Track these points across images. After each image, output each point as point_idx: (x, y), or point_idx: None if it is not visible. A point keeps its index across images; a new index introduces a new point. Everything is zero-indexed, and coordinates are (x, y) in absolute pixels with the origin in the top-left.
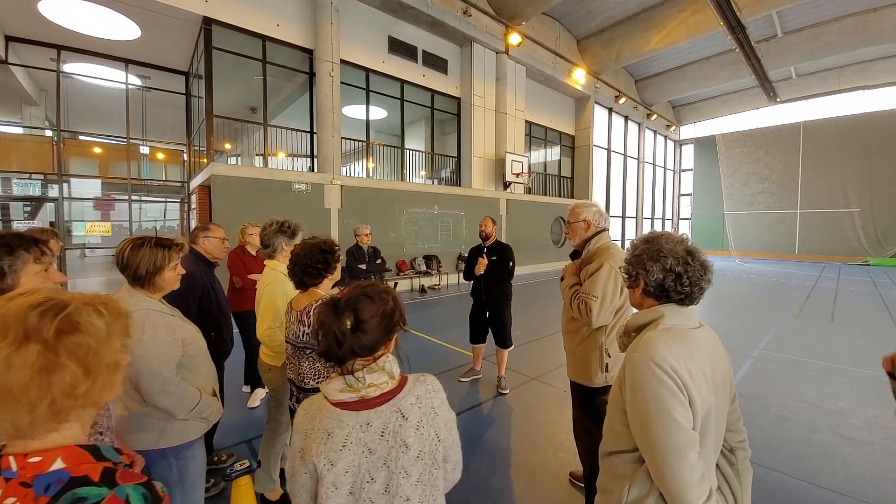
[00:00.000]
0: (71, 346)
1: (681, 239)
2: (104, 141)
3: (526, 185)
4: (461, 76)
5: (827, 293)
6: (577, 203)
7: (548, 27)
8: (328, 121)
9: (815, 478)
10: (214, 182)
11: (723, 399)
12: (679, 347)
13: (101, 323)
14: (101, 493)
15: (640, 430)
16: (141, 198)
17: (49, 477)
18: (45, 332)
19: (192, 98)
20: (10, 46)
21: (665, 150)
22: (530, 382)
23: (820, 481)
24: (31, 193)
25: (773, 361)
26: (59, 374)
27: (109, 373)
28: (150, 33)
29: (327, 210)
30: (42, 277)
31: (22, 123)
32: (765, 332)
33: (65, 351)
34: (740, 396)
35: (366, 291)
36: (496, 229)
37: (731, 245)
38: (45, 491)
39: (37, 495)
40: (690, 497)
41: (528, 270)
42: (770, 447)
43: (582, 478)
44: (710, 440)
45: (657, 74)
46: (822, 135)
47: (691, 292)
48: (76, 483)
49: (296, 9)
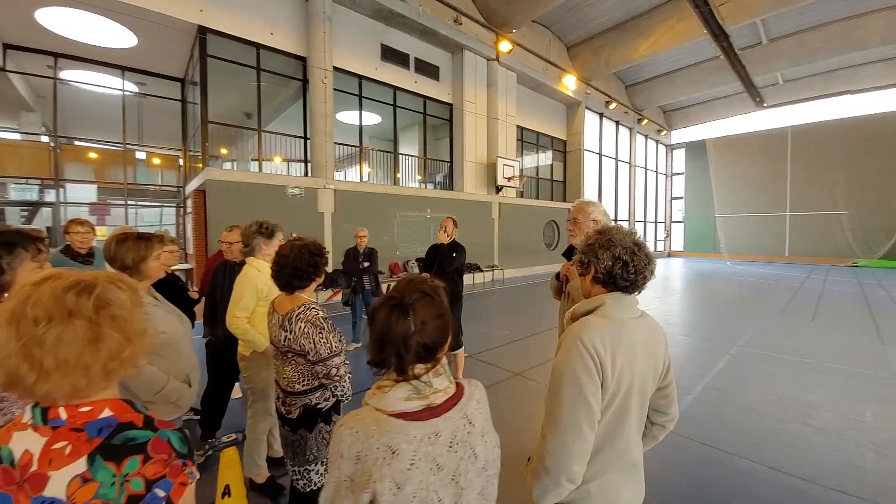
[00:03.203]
0: (109, 318)
1: (630, 232)
2: (100, 146)
3: (518, 189)
4: (453, 83)
5: (812, 294)
6: (584, 201)
7: (538, 34)
8: (321, 127)
9: (777, 463)
10: (209, 187)
11: (650, 383)
12: (609, 334)
13: (124, 296)
14: (147, 435)
15: (550, 395)
16: (137, 202)
17: (100, 423)
18: (85, 309)
19: (187, 104)
20: (7, 54)
21: (657, 154)
22: (512, 378)
23: (781, 467)
24: (28, 198)
25: (749, 358)
26: (105, 343)
27: (141, 338)
28: (147, 41)
29: (321, 214)
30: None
31: (19, 129)
32: (746, 331)
33: (106, 322)
34: (713, 390)
35: (422, 289)
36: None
37: (723, 247)
38: (97, 433)
39: (90, 437)
40: (572, 465)
41: (520, 273)
42: (734, 435)
43: None
44: (633, 420)
45: (647, 80)
46: (810, 138)
47: (635, 280)
48: (124, 427)
49: (289, 17)
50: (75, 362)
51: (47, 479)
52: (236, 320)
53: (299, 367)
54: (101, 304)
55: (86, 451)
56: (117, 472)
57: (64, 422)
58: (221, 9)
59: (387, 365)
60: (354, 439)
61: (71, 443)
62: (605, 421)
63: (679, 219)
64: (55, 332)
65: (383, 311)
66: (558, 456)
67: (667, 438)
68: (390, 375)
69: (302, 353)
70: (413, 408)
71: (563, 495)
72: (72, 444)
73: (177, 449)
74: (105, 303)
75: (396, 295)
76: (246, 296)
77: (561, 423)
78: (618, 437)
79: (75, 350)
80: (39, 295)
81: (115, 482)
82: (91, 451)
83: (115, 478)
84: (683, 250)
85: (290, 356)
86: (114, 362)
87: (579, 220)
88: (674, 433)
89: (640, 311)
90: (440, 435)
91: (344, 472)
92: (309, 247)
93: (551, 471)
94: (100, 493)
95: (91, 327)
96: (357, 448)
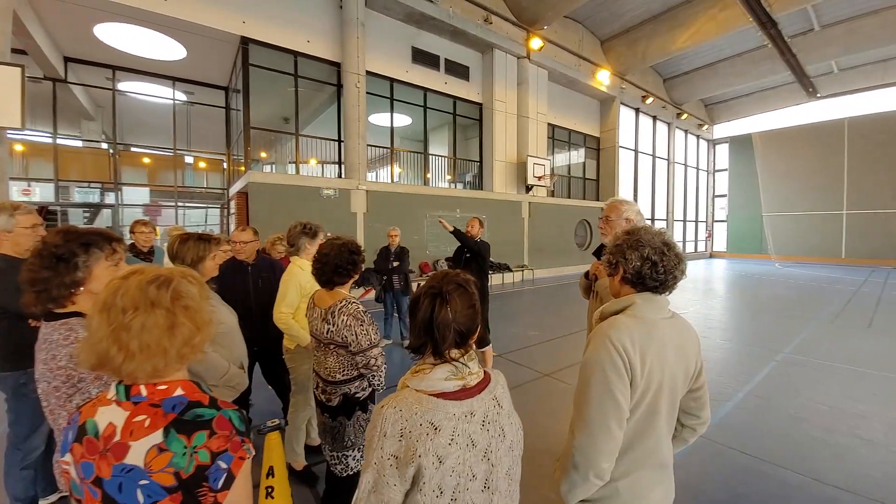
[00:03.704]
0: (183, 308)
1: (659, 232)
2: (152, 152)
3: (548, 188)
4: (483, 82)
5: (870, 298)
6: (617, 199)
7: (570, 30)
8: (354, 129)
9: (821, 475)
10: (251, 189)
11: (681, 384)
12: (639, 333)
13: (194, 290)
14: (213, 413)
15: (578, 393)
16: (185, 204)
17: (174, 400)
18: (164, 300)
19: (230, 111)
20: (69, 67)
21: (697, 149)
22: (543, 378)
23: (826, 478)
24: (90, 200)
25: (797, 365)
26: (180, 330)
27: (208, 326)
28: (195, 53)
29: (353, 214)
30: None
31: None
32: (794, 337)
33: (180, 312)
34: (755, 397)
35: (457, 281)
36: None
37: (771, 248)
38: (171, 409)
39: (165, 412)
40: (601, 461)
41: (551, 273)
42: (780, 445)
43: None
44: (662, 420)
45: (687, 73)
46: (869, 131)
47: (665, 280)
48: (193, 405)
49: (324, 25)
50: (156, 346)
51: (128, 448)
52: (282, 315)
53: (340, 357)
54: (176, 296)
55: (162, 424)
56: (188, 444)
57: (144, 398)
58: (262, 20)
59: (424, 350)
60: (398, 417)
61: (150, 417)
62: (635, 420)
63: (722, 217)
64: (140, 320)
65: (425, 300)
66: (587, 452)
67: (704, 446)
68: (427, 360)
69: (344, 345)
70: (451, 388)
71: (591, 491)
72: (150, 417)
73: (236, 427)
74: (179, 295)
75: (435, 285)
76: (290, 293)
77: (589, 420)
78: (647, 436)
79: (156, 335)
80: (127, 287)
81: (186, 453)
82: (167, 425)
83: (185, 449)
84: (726, 251)
85: (332, 348)
86: (186, 347)
87: (611, 218)
88: (712, 441)
89: (671, 312)
90: (475, 414)
91: (387, 450)
92: (348, 245)
93: (580, 467)
94: (173, 462)
95: (168, 316)
96: (401, 425)
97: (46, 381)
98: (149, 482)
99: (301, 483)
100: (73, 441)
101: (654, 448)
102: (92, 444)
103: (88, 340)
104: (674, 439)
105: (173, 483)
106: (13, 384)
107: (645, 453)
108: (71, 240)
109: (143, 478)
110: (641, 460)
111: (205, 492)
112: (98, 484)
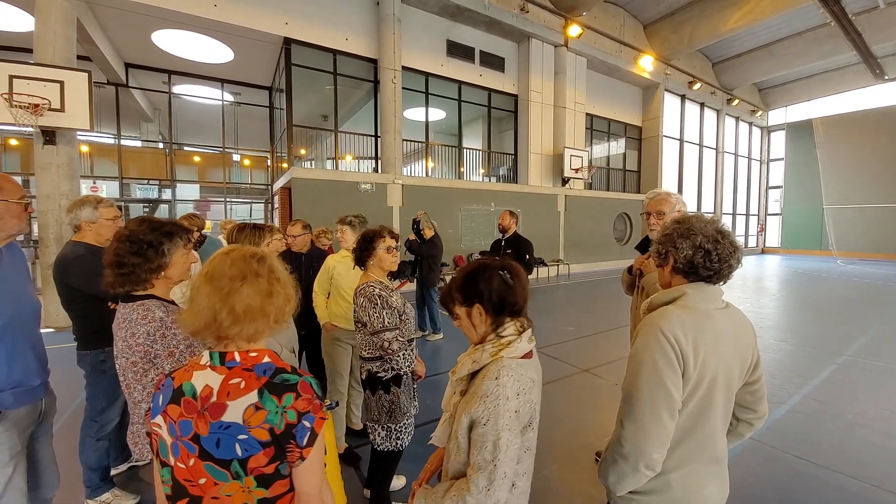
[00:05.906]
0: (276, 280)
1: (712, 220)
2: (203, 151)
3: (586, 181)
4: (518, 73)
5: None
6: (665, 192)
7: (610, 15)
8: (391, 125)
9: (882, 482)
10: (295, 184)
11: (736, 377)
12: (691, 323)
13: (280, 266)
14: (296, 378)
15: (629, 384)
16: (232, 199)
17: (263, 366)
18: (263, 271)
19: (274, 110)
20: (129, 72)
21: (750, 138)
22: (581, 374)
23: (886, 485)
24: (149, 197)
25: (860, 368)
26: (276, 298)
27: (294, 298)
28: (241, 55)
29: (390, 208)
30: (185, 257)
31: (140, 137)
32: (857, 338)
33: (275, 283)
34: (813, 401)
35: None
36: (515, 222)
37: (832, 244)
38: (262, 373)
39: (258, 376)
40: (651, 451)
41: (587, 268)
42: (837, 451)
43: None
44: (717, 413)
45: (738, 56)
46: None
47: (720, 269)
48: (280, 371)
49: (362, 22)
50: (258, 310)
51: (225, 407)
52: (314, 294)
53: (364, 336)
54: (271, 269)
55: (256, 386)
56: (279, 404)
57: (238, 363)
58: (303, 20)
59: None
60: (511, 380)
61: (244, 380)
62: (687, 412)
63: (776, 211)
64: (247, 287)
65: (493, 274)
66: (637, 442)
67: (756, 449)
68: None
69: (363, 324)
70: (531, 348)
71: (641, 482)
72: (245, 380)
73: (316, 391)
74: (273, 269)
75: (494, 264)
76: (322, 277)
77: (640, 410)
78: (700, 429)
79: (259, 301)
80: (233, 259)
81: (278, 412)
82: (260, 387)
83: (277, 408)
84: (780, 246)
85: (358, 326)
86: (280, 314)
87: (665, 212)
88: (765, 445)
89: (725, 303)
90: (537, 370)
91: (511, 408)
92: (366, 233)
93: (629, 457)
94: (268, 419)
95: (268, 286)
96: (516, 386)
97: (125, 357)
98: (247, 437)
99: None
100: (167, 403)
101: (707, 441)
102: (190, 404)
103: (193, 308)
104: (728, 434)
105: (268, 438)
106: (93, 361)
107: (698, 447)
108: (157, 228)
109: (242, 432)
110: (695, 454)
111: (292, 448)
112: (196, 440)
